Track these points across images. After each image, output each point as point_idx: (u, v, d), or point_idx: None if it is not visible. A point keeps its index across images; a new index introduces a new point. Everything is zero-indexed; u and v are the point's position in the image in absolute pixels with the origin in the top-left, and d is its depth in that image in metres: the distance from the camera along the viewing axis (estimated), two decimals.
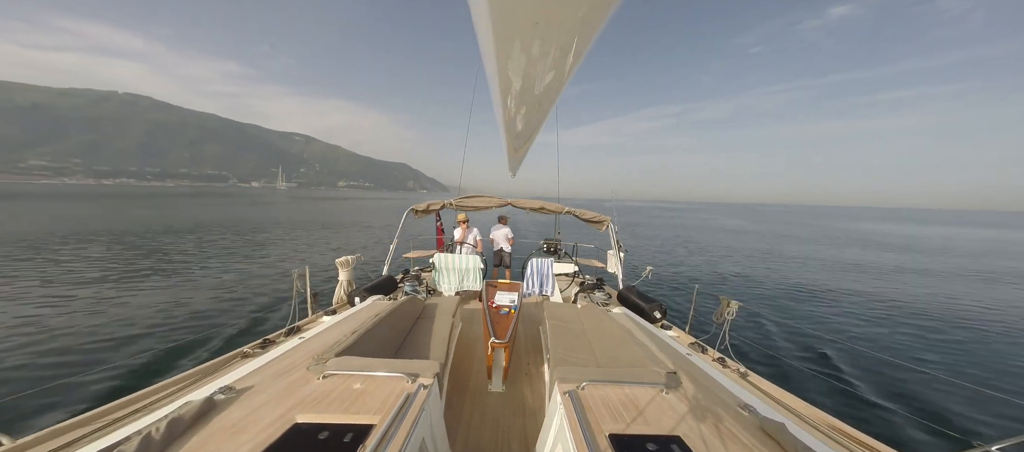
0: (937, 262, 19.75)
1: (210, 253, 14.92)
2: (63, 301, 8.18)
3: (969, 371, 6.45)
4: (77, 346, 5.95)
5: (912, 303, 10.88)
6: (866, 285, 13.21)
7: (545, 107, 1.79)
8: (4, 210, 30.41)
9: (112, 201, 50.28)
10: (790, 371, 4.47)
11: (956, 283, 14.21)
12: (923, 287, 13.25)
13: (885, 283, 13.74)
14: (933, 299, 11.50)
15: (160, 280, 10.36)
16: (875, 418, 4.77)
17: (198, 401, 1.68)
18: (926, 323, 9.00)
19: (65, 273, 10.66)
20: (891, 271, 16.46)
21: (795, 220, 63.03)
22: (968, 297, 11.94)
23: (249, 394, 1.86)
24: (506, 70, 1.27)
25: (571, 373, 2.13)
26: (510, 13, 0.89)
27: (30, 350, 5.72)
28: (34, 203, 40.56)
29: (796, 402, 2.46)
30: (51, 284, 9.48)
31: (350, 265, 5.26)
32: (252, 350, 2.83)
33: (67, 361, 5.53)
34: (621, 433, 1.64)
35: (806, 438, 1.72)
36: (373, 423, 1.61)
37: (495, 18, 0.91)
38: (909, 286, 13.35)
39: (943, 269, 17.49)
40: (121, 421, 1.79)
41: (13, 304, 7.87)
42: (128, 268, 11.63)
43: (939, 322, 9.08)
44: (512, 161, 3.98)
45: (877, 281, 14.08)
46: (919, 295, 11.99)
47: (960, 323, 9.06)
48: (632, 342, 2.90)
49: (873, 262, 18.98)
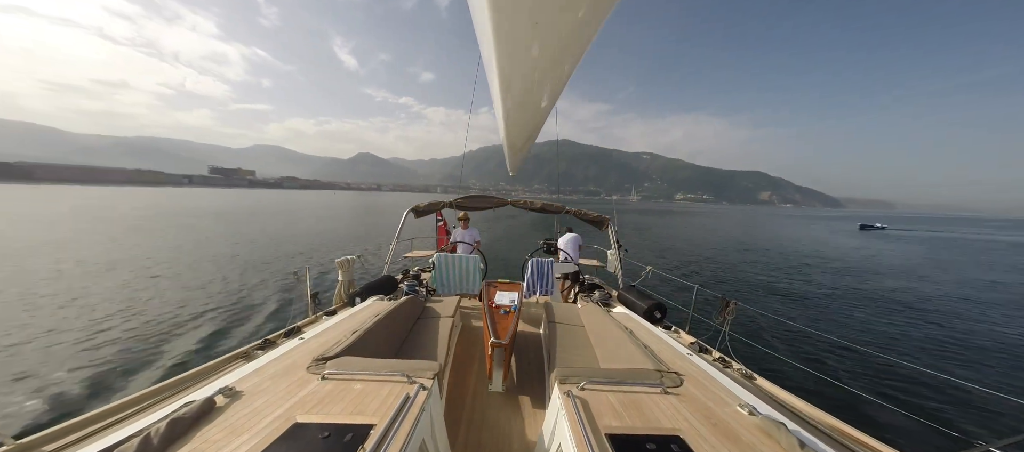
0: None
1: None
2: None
3: (973, 372, 6.52)
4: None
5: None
6: (871, 287, 13.77)
7: (545, 107, 1.74)
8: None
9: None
10: (792, 371, 4.39)
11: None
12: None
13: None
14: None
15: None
16: (877, 417, 4.76)
17: (199, 401, 1.68)
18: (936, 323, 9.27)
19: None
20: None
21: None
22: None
23: (249, 394, 1.87)
24: (506, 70, 1.24)
25: (571, 374, 2.12)
26: (510, 14, 0.89)
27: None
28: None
29: (797, 402, 2.44)
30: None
31: (350, 265, 5.24)
32: (252, 351, 2.83)
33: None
34: (620, 433, 1.64)
35: (806, 438, 1.70)
36: (373, 423, 1.61)
37: (495, 18, 0.90)
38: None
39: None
40: (121, 421, 1.79)
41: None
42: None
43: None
44: (512, 160, 3.78)
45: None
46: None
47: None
48: (632, 342, 2.88)
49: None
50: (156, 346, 6.82)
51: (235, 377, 2.09)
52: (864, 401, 5.00)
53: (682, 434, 1.65)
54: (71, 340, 6.89)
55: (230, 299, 9.80)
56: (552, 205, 6.95)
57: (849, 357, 6.79)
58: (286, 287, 10.63)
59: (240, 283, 11.44)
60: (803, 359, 5.79)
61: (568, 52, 1.17)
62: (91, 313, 8.28)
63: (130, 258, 14.40)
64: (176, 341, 7.10)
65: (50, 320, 7.83)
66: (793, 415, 2.13)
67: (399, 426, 1.58)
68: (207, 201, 64.03)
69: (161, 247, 17.21)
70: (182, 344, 6.97)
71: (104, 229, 22.43)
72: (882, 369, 6.30)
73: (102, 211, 35.86)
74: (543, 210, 6.95)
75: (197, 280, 11.64)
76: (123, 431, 1.62)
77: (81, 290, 10.04)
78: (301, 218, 36.69)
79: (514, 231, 27.11)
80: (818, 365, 6.26)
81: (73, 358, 6.25)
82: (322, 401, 1.79)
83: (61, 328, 7.45)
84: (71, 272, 11.87)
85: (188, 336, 7.36)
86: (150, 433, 1.42)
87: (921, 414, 4.65)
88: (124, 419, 1.81)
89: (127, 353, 6.48)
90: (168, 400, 1.98)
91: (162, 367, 6.09)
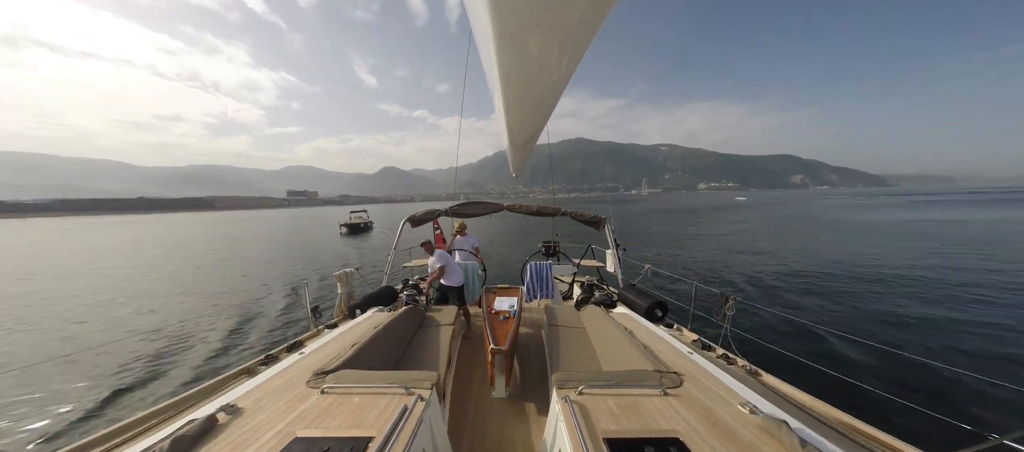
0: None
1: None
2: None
3: (983, 361, 6.24)
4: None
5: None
6: (876, 274, 12.61)
7: (546, 108, 1.77)
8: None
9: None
10: (799, 366, 4.40)
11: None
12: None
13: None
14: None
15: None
16: (885, 410, 4.64)
17: (201, 419, 1.71)
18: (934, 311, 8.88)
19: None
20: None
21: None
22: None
23: (250, 411, 1.89)
24: (507, 70, 1.27)
25: (570, 378, 2.14)
26: (510, 14, 0.89)
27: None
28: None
29: (803, 397, 2.39)
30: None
31: (349, 278, 5.27)
32: (255, 366, 2.85)
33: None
34: (619, 437, 1.64)
35: (809, 435, 1.67)
36: (371, 436, 1.61)
37: (496, 18, 0.91)
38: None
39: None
40: (126, 442, 1.82)
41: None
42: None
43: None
44: (516, 162, 3.78)
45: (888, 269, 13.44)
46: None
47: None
48: (633, 343, 2.85)
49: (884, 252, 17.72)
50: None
51: (237, 394, 2.11)
52: (873, 394, 4.65)
53: (681, 436, 1.64)
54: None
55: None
56: (548, 208, 6.92)
57: (857, 349, 6.42)
58: (284, 303, 10.94)
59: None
60: (811, 353, 5.70)
61: (569, 50, 1.19)
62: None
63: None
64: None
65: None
66: (798, 411, 2.10)
67: (397, 438, 1.59)
68: (326, 214, 76.61)
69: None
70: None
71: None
72: (891, 360, 5.88)
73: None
74: (539, 213, 6.95)
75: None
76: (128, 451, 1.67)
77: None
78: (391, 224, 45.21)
79: (510, 236, 27.65)
80: (826, 358, 5.93)
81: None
82: (321, 415, 1.81)
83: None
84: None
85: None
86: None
87: (931, 405, 4.32)
88: (129, 439, 1.85)
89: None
90: (172, 419, 2.02)
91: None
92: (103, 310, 10.93)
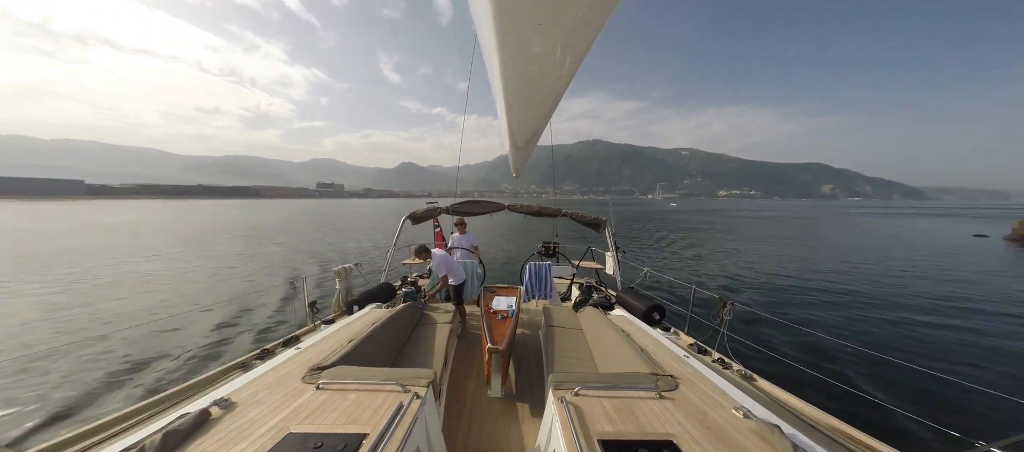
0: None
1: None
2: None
3: (972, 370, 6.51)
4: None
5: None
6: (868, 284, 13.11)
7: (547, 109, 1.81)
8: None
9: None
10: (793, 371, 4.30)
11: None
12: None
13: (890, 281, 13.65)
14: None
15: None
16: (878, 417, 4.56)
17: (194, 413, 1.70)
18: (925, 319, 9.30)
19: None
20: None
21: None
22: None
23: (244, 405, 1.87)
24: (509, 70, 1.30)
25: (565, 379, 2.14)
26: (512, 14, 0.91)
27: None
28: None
29: (797, 403, 2.42)
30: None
31: (348, 274, 5.21)
32: (250, 360, 2.84)
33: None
34: (613, 438, 1.65)
35: (801, 440, 1.67)
36: (366, 433, 1.62)
37: (498, 19, 0.93)
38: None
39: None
40: (118, 434, 1.82)
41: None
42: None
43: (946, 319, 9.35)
44: (516, 162, 3.85)
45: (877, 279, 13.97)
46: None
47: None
48: (630, 346, 2.85)
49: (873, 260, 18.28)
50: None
51: (231, 388, 2.10)
52: (868, 402, 4.84)
53: (675, 438, 1.66)
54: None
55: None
56: (548, 208, 6.97)
57: (853, 357, 6.54)
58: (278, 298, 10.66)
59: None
60: (806, 359, 5.54)
61: (571, 50, 1.19)
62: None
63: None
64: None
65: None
66: (791, 416, 2.16)
67: (392, 435, 1.60)
68: (358, 205, 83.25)
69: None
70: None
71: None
72: (885, 367, 6.05)
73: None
74: (540, 213, 6.95)
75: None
76: (118, 444, 1.63)
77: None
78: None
79: (511, 235, 27.48)
80: (821, 364, 6.09)
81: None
82: (316, 411, 1.82)
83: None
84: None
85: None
86: (145, 446, 1.46)
87: (922, 413, 4.13)
88: (121, 432, 1.87)
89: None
90: (165, 412, 2.04)
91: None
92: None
